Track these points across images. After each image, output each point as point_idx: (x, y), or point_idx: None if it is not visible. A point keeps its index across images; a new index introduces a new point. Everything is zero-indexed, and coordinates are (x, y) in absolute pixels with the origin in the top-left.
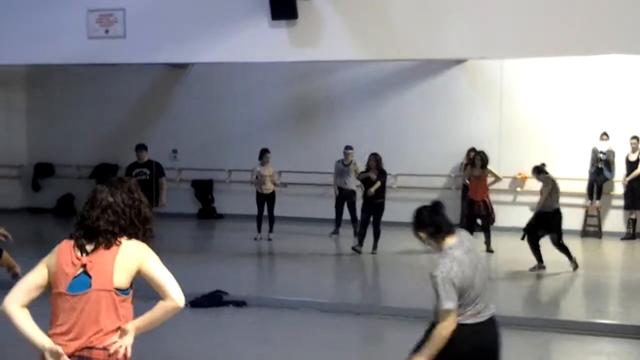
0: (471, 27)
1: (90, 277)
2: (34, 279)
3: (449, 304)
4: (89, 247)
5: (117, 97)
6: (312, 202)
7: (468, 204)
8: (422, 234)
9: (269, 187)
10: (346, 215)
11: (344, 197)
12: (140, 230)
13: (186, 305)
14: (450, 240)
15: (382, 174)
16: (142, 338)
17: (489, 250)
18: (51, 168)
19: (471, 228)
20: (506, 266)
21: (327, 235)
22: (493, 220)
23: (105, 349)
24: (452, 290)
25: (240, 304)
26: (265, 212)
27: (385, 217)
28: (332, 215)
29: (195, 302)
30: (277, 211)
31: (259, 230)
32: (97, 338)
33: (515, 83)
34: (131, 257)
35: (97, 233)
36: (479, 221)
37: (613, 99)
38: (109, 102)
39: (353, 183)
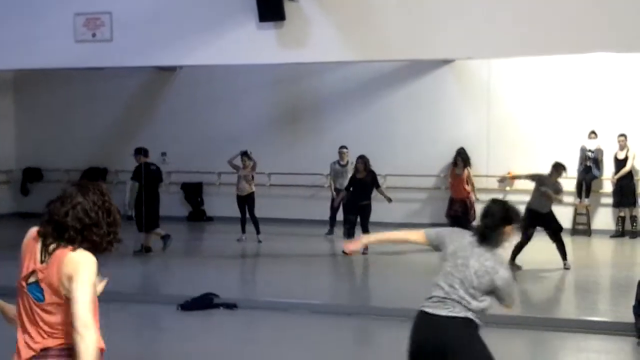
0: (458, 27)
1: (42, 289)
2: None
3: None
4: (50, 248)
5: (105, 100)
6: (301, 203)
7: (449, 202)
8: (508, 229)
9: (243, 188)
10: (342, 215)
11: (340, 198)
12: (105, 231)
13: (176, 308)
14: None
15: (369, 175)
16: (133, 341)
17: None
18: (40, 172)
19: (452, 226)
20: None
21: (316, 237)
22: (473, 219)
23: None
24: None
25: (230, 306)
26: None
27: (375, 217)
28: (320, 216)
29: (186, 305)
30: (267, 213)
31: (243, 231)
32: (50, 341)
33: (503, 82)
34: (70, 268)
35: (64, 229)
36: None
37: (601, 97)
38: (97, 106)
39: None
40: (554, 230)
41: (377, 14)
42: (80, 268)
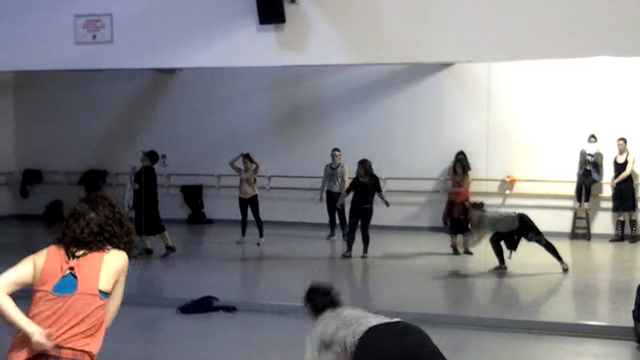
0: (458, 31)
1: (77, 279)
2: (19, 274)
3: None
4: (78, 253)
5: (105, 102)
6: (301, 206)
7: (447, 205)
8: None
9: (246, 190)
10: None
11: (333, 200)
12: (122, 241)
13: (176, 311)
14: None
15: (372, 179)
16: (132, 344)
17: (469, 252)
18: (39, 174)
19: (453, 230)
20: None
21: (316, 239)
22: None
23: (74, 350)
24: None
25: (230, 309)
26: (252, 217)
27: (375, 221)
28: (320, 219)
29: (185, 308)
30: (267, 216)
31: (243, 234)
32: (69, 339)
33: (503, 86)
34: (116, 266)
35: (84, 243)
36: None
37: (601, 101)
38: (97, 108)
39: (341, 186)
40: (536, 241)
41: (377, 17)
42: (124, 265)
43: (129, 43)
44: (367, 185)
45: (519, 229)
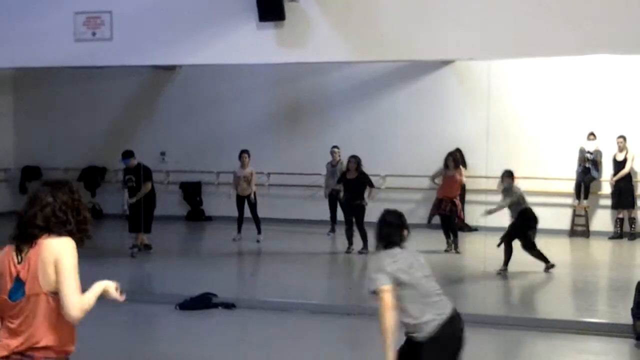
0: (459, 28)
1: (23, 283)
2: None
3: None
4: (24, 249)
5: (104, 99)
6: (301, 203)
7: (436, 202)
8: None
9: (244, 188)
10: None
11: (334, 196)
12: (74, 227)
13: (175, 307)
14: None
15: (362, 176)
16: (130, 340)
17: (457, 251)
18: (38, 171)
19: (443, 228)
20: (496, 266)
21: (315, 237)
22: (461, 220)
23: (42, 348)
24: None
25: (229, 306)
26: (250, 215)
27: (374, 217)
28: (321, 216)
29: (184, 305)
30: (266, 213)
31: (239, 231)
32: (36, 340)
33: (503, 84)
34: (50, 254)
35: (31, 229)
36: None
37: (600, 99)
38: (96, 105)
39: None
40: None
41: (377, 14)
42: (62, 247)
43: (129, 40)
44: (354, 181)
45: (532, 222)
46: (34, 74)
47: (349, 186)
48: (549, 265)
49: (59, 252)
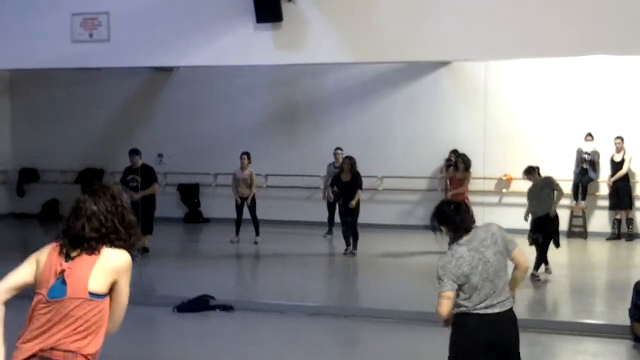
0: (456, 29)
1: (66, 284)
2: (19, 277)
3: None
4: (73, 254)
5: (102, 101)
6: (299, 205)
7: None
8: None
9: (243, 191)
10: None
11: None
12: (124, 235)
13: (172, 310)
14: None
15: (356, 177)
16: (128, 343)
17: None
18: (36, 173)
19: None
20: None
21: (313, 238)
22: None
23: (66, 351)
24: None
25: (227, 308)
26: (249, 216)
27: (371, 219)
28: (317, 218)
29: (182, 307)
30: (264, 214)
31: (237, 233)
32: (62, 342)
33: (500, 84)
34: (111, 265)
35: (82, 241)
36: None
37: (597, 100)
38: (93, 107)
39: None
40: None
41: (374, 15)
42: (123, 264)
43: (126, 41)
44: (349, 183)
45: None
46: (31, 75)
47: (345, 188)
48: (538, 273)
49: (121, 267)
